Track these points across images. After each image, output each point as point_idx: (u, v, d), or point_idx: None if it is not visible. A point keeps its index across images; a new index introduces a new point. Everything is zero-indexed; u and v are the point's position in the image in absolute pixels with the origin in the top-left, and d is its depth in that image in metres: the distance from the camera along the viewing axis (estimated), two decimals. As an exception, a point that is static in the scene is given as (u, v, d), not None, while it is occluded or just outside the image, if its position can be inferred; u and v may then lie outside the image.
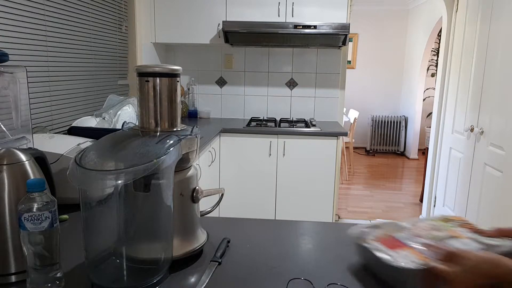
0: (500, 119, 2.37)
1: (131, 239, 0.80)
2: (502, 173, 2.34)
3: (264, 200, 2.98)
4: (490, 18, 2.55)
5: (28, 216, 0.65)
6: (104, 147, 0.79)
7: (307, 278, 0.79)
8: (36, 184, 0.67)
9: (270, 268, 0.83)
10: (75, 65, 2.15)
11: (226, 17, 3.02)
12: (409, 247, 0.75)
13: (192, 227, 0.85)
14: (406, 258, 0.72)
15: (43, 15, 1.86)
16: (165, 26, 3.07)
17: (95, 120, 1.96)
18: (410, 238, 0.78)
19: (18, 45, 1.70)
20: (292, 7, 2.96)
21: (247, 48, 3.42)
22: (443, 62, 3.34)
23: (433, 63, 5.93)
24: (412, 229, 0.82)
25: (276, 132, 2.91)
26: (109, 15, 2.52)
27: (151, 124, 0.81)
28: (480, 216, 2.58)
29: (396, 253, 0.74)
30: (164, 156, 0.71)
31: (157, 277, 0.75)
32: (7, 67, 1.19)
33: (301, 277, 0.79)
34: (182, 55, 3.47)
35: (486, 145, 2.54)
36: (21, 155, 0.79)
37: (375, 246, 0.78)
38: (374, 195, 4.43)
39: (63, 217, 1.04)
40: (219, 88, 3.52)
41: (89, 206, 0.75)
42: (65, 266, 0.78)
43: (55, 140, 1.26)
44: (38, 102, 1.86)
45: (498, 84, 2.42)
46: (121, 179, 0.67)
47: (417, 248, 0.74)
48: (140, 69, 0.80)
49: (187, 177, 0.83)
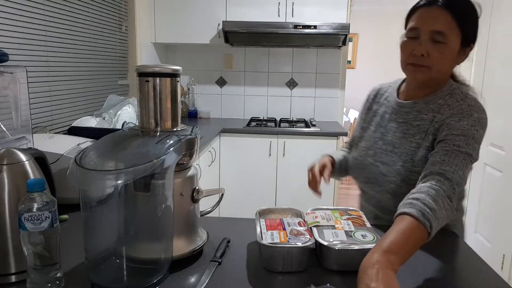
0: (500, 119, 2.37)
1: (131, 239, 0.80)
2: (502, 173, 2.34)
3: (264, 200, 2.98)
4: (490, 18, 2.55)
5: (28, 216, 0.65)
6: (104, 147, 0.79)
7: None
8: (36, 184, 0.67)
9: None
10: (75, 65, 2.15)
11: (226, 17, 3.01)
12: (283, 230, 0.85)
13: (192, 227, 0.85)
14: (270, 236, 0.82)
15: (43, 15, 1.86)
16: (165, 26, 3.07)
17: (95, 120, 1.96)
18: (293, 222, 0.89)
19: (18, 45, 1.70)
20: (292, 7, 2.96)
21: (247, 48, 3.42)
22: (443, 62, 3.33)
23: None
24: (306, 215, 0.94)
25: (276, 132, 2.91)
26: (109, 15, 2.52)
27: (151, 124, 0.81)
28: (480, 216, 2.58)
29: (269, 232, 0.84)
30: (164, 156, 0.71)
31: (157, 277, 0.75)
32: (7, 67, 1.19)
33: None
34: (182, 55, 3.47)
35: (486, 145, 2.54)
36: (21, 155, 0.79)
37: (260, 224, 0.88)
38: (374, 195, 4.42)
39: (63, 217, 1.04)
40: (219, 88, 3.52)
41: (89, 206, 0.75)
42: (65, 266, 0.78)
43: (55, 140, 1.26)
44: (38, 102, 1.86)
45: (498, 84, 2.42)
46: (121, 179, 0.67)
47: (287, 230, 0.85)
48: (140, 69, 0.80)
49: (187, 177, 0.82)
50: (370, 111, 1.19)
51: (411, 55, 0.97)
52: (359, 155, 1.14)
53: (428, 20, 0.94)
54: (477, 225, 2.61)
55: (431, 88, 1.03)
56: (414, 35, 0.96)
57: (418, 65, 0.96)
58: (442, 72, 1.00)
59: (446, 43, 0.94)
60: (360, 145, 1.16)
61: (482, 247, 2.49)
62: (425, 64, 0.95)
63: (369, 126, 1.16)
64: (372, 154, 1.10)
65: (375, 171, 1.08)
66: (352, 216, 0.93)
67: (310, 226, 0.88)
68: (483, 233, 2.54)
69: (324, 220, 0.90)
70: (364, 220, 0.91)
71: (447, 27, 0.93)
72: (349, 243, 0.80)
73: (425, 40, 0.94)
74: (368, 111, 1.21)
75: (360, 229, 0.86)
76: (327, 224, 0.88)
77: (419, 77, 0.99)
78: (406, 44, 0.99)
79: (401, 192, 0.92)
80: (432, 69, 0.96)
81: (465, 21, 0.94)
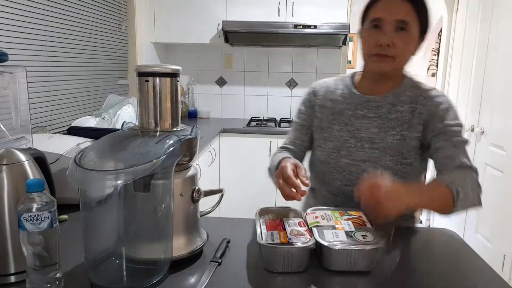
0: (501, 119, 2.37)
1: (130, 239, 0.80)
2: (502, 173, 2.33)
3: (264, 200, 2.97)
4: (490, 18, 2.55)
5: (27, 216, 0.65)
6: (104, 147, 0.79)
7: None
8: (35, 184, 0.67)
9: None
10: (75, 65, 2.15)
11: (226, 17, 3.01)
12: (283, 230, 0.85)
13: (192, 227, 0.85)
14: (270, 236, 0.82)
15: (43, 15, 1.85)
16: (165, 26, 3.07)
17: (94, 120, 1.96)
18: (293, 223, 0.88)
19: (17, 45, 1.69)
20: (292, 6, 2.95)
21: (247, 48, 3.42)
22: (443, 62, 3.34)
23: (434, 63, 5.92)
24: (306, 216, 0.93)
25: (276, 132, 2.91)
26: (109, 15, 2.51)
27: (150, 124, 0.81)
28: (481, 217, 2.58)
29: (269, 233, 0.84)
30: (163, 156, 0.70)
31: (157, 278, 0.75)
32: (7, 67, 1.19)
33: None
34: (182, 55, 3.47)
35: (486, 145, 2.54)
36: (20, 155, 0.79)
37: (260, 224, 0.88)
38: (374, 195, 4.41)
39: (63, 217, 1.04)
40: (219, 88, 3.52)
41: (89, 206, 0.74)
42: (65, 267, 0.78)
43: (54, 140, 1.25)
44: (38, 102, 1.86)
45: (498, 84, 2.42)
46: (120, 179, 0.67)
47: (288, 230, 0.85)
48: (139, 69, 0.80)
49: (187, 177, 0.82)
50: (313, 110, 1.16)
51: (376, 45, 0.98)
52: (330, 157, 1.08)
53: (391, 10, 0.97)
54: (478, 225, 2.61)
55: (390, 80, 1.06)
56: (378, 24, 0.98)
57: (384, 55, 0.98)
58: (404, 62, 1.03)
59: (409, 31, 0.97)
60: (326, 146, 1.10)
61: (483, 247, 2.49)
62: (390, 54, 0.97)
63: (332, 126, 1.11)
64: (346, 155, 1.06)
65: (357, 170, 1.04)
66: (352, 216, 0.92)
67: (310, 227, 0.88)
68: (484, 233, 2.54)
69: (324, 220, 0.89)
70: (364, 220, 0.91)
71: (409, 16, 0.96)
72: (349, 243, 0.80)
73: (389, 30, 0.97)
74: (311, 109, 1.16)
75: (361, 229, 0.86)
76: (327, 224, 0.88)
77: (384, 67, 1.00)
78: (370, 35, 1.00)
79: None
80: (396, 59, 0.99)
81: (422, 11, 0.99)
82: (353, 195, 1.01)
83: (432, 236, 1.05)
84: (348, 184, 1.07)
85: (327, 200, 1.11)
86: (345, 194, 1.08)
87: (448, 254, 0.92)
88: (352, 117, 1.08)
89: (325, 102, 1.13)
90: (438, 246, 0.94)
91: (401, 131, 1.02)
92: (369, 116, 1.06)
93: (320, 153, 1.11)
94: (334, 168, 1.08)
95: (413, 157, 1.01)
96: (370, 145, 1.04)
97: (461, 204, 0.88)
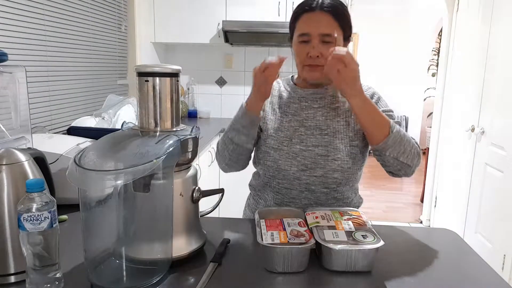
0: (501, 119, 2.37)
1: (130, 239, 0.80)
2: (503, 173, 2.33)
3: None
4: (491, 18, 2.55)
5: (27, 217, 0.65)
6: (104, 147, 0.79)
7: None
8: (35, 184, 0.67)
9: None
10: (75, 64, 2.15)
11: (226, 17, 3.01)
12: (283, 230, 0.85)
13: (192, 227, 0.85)
14: (270, 236, 0.82)
15: (43, 15, 1.85)
16: (165, 25, 3.07)
17: (94, 120, 1.96)
18: (293, 223, 0.89)
19: (17, 45, 1.69)
20: (292, 6, 2.95)
21: (247, 47, 3.41)
22: (444, 62, 3.33)
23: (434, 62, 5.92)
24: (306, 216, 0.93)
25: (276, 132, 2.90)
26: (108, 15, 2.51)
27: (150, 124, 0.81)
28: (481, 217, 2.58)
29: (269, 233, 0.84)
30: (163, 156, 0.70)
31: (157, 278, 0.75)
32: (7, 67, 1.19)
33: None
34: (182, 54, 3.47)
35: (486, 145, 2.54)
36: (20, 155, 0.79)
37: (259, 224, 0.88)
38: (374, 195, 4.42)
39: (63, 218, 1.04)
40: (219, 88, 3.52)
41: (89, 206, 0.74)
42: (65, 267, 0.78)
43: (54, 140, 1.25)
44: (37, 102, 1.85)
45: (499, 84, 2.41)
46: (120, 179, 0.67)
47: (288, 230, 0.85)
48: (139, 69, 0.80)
49: (187, 177, 0.82)
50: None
51: (306, 57, 1.08)
52: (282, 144, 1.13)
53: (315, 25, 1.06)
54: (478, 225, 2.61)
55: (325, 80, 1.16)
56: (305, 39, 1.08)
57: (314, 65, 1.08)
58: None
59: (333, 42, 1.06)
60: (277, 135, 1.14)
61: (483, 247, 2.49)
62: (320, 63, 1.06)
63: (281, 118, 1.17)
64: (298, 142, 1.12)
65: (311, 155, 1.10)
66: (352, 216, 0.92)
67: (310, 227, 0.87)
68: (484, 233, 2.54)
69: (324, 221, 0.89)
70: (364, 220, 0.91)
71: (331, 28, 1.06)
72: (349, 243, 0.80)
73: (316, 43, 1.06)
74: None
75: (361, 229, 0.86)
76: (327, 225, 0.88)
77: (316, 76, 1.10)
78: (300, 48, 1.10)
79: (347, 167, 1.09)
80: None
81: (343, 20, 1.08)
82: (310, 181, 1.10)
83: (432, 236, 1.05)
84: (304, 169, 1.10)
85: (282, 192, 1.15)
86: (299, 179, 1.11)
87: (448, 254, 0.92)
88: (298, 109, 1.16)
89: (272, 98, 1.21)
90: (438, 246, 0.94)
91: (345, 118, 1.13)
92: (314, 106, 1.14)
93: (273, 141, 1.15)
94: (288, 154, 1.12)
95: (359, 139, 1.12)
96: (319, 131, 1.12)
97: (393, 138, 1.01)
